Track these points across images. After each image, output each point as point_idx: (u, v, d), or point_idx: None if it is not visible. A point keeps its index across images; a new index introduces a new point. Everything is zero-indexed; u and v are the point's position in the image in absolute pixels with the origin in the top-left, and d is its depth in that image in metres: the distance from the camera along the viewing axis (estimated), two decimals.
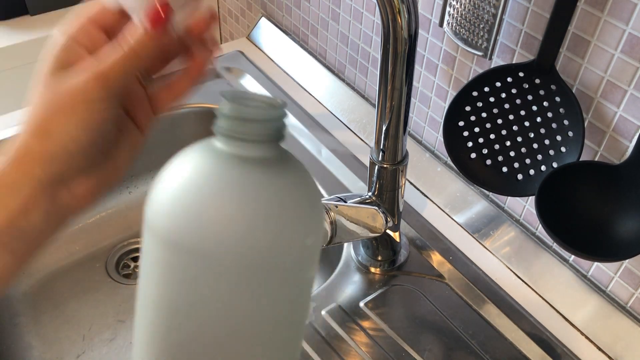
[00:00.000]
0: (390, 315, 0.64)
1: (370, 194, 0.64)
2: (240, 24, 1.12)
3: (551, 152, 0.57)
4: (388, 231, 0.65)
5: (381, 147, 0.60)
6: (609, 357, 0.60)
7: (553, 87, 0.56)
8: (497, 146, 0.60)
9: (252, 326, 0.27)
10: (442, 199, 0.75)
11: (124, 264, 0.87)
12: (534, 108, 0.58)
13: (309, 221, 0.27)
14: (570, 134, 0.56)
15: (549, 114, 0.57)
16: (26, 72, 0.99)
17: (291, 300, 0.28)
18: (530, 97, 0.58)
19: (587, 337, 0.62)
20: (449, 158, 0.71)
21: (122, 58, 0.33)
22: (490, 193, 0.72)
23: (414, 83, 0.76)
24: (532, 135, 0.58)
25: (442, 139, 0.67)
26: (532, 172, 0.59)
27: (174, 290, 0.27)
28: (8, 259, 0.33)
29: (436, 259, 0.69)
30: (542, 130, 0.58)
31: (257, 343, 0.28)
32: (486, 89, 0.60)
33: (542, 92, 0.57)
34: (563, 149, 0.56)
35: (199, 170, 0.26)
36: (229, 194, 0.25)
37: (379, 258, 0.68)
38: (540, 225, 0.60)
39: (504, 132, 0.60)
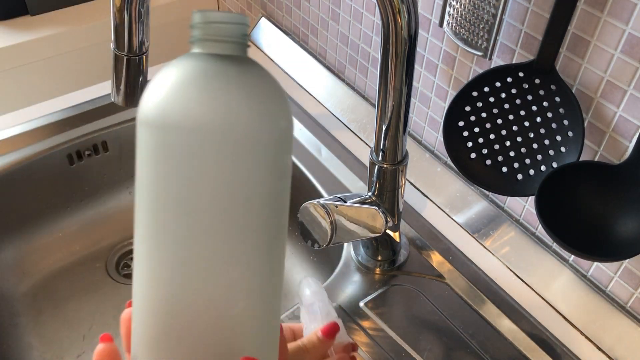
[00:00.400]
0: (390, 315, 0.64)
1: (370, 194, 0.64)
2: None
3: (551, 152, 0.57)
4: (388, 231, 0.65)
5: (381, 147, 0.60)
6: (609, 357, 0.60)
7: (553, 87, 0.56)
8: (497, 146, 0.60)
9: (243, 212, 0.30)
10: (442, 199, 0.75)
11: (124, 264, 0.87)
12: (534, 108, 0.58)
13: (281, 106, 0.31)
14: (570, 134, 0.56)
15: (549, 114, 0.57)
16: (26, 72, 0.99)
17: (274, 184, 0.31)
18: (530, 97, 0.58)
19: (587, 337, 0.62)
20: (449, 158, 0.71)
21: (295, 346, 0.45)
22: (490, 193, 0.72)
23: (414, 83, 0.76)
24: (532, 135, 0.58)
25: (442, 139, 0.67)
26: (532, 172, 0.59)
27: (166, 171, 0.30)
28: None
29: (436, 259, 0.69)
30: (542, 130, 0.58)
31: (247, 231, 0.31)
32: (486, 89, 0.60)
33: (542, 92, 0.57)
34: (563, 149, 0.56)
35: (179, 68, 0.30)
36: (211, 78, 0.30)
37: (379, 258, 0.68)
38: (540, 225, 0.60)
39: (503, 132, 0.60)
